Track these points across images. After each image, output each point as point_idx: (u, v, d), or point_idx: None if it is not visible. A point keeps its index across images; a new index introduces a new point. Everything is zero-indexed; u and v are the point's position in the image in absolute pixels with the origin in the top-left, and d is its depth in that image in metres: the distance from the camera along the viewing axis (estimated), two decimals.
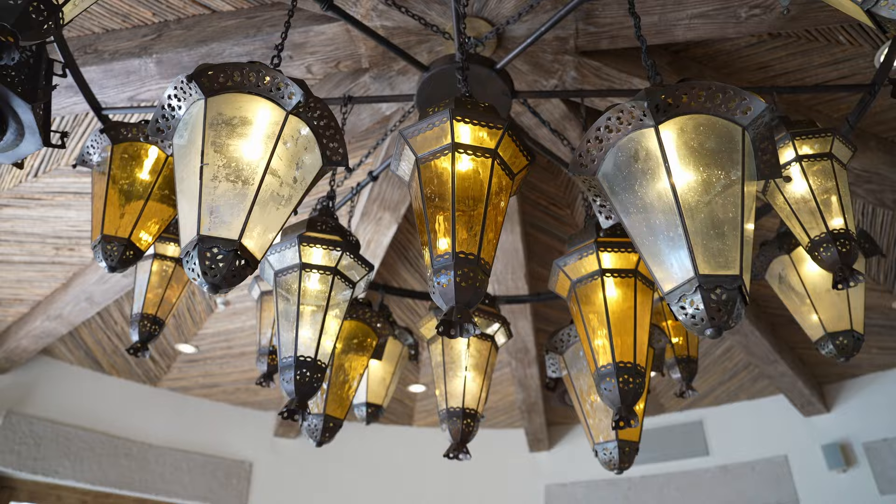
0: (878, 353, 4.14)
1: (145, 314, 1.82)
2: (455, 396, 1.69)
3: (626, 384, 1.25)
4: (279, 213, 1.05)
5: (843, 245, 1.33)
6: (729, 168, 0.92)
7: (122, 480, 4.49)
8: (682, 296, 0.88)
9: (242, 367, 4.61)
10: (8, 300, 3.80)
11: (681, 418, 5.05)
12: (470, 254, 1.02)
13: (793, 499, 4.41)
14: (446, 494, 5.15)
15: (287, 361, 1.26)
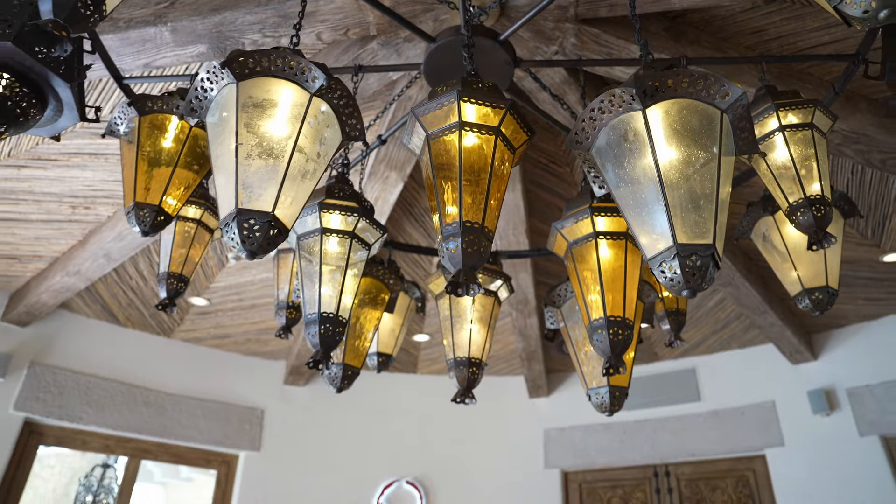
0: (865, 303, 4.30)
1: (171, 272, 1.95)
2: (461, 347, 1.84)
3: (615, 336, 1.39)
4: (305, 186, 1.17)
5: (819, 210, 1.45)
6: (707, 148, 1.03)
7: (141, 426, 4.73)
8: (662, 261, 1.00)
9: (252, 318, 4.78)
10: (27, 257, 3.94)
11: (674, 366, 5.26)
12: (475, 222, 1.14)
13: (778, 441, 4.65)
14: (449, 438, 5.40)
15: (312, 317, 1.40)
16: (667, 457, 5.02)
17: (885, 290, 4.13)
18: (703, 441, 4.93)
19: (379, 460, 5.28)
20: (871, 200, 3.20)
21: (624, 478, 5.18)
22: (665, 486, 5.03)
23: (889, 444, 4.28)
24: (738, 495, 4.80)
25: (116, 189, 3.33)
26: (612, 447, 5.17)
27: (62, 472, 11.85)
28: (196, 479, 11.00)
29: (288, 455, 5.16)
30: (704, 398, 5.06)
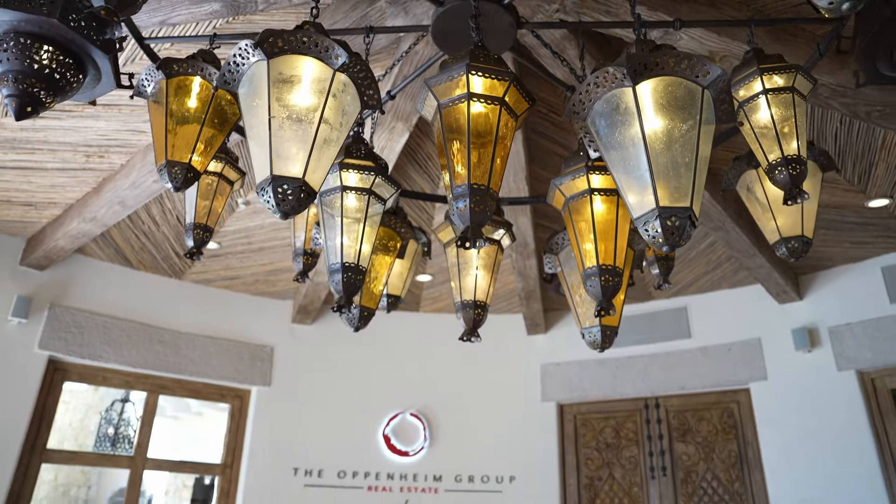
0: (850, 246, 4.48)
1: (197, 223, 2.10)
2: (468, 291, 2.01)
3: (606, 282, 1.56)
4: (330, 152, 1.30)
5: (794, 169, 1.59)
6: (688, 121, 1.16)
7: (158, 363, 4.97)
8: (646, 221, 1.16)
9: (261, 260, 4.95)
10: (42, 204, 4.07)
11: (667, 305, 5.48)
12: (482, 184, 1.29)
13: (762, 375, 4.92)
14: (450, 373, 5.68)
15: (335, 267, 1.56)
16: (657, 390, 5.30)
17: (869, 235, 4.30)
18: (691, 375, 5.20)
19: (384, 394, 5.57)
20: (858, 149, 3.32)
21: (616, 409, 5.49)
22: (655, 416, 5.34)
23: (864, 378, 4.54)
24: (723, 425, 5.10)
25: (129, 138, 3.44)
26: (606, 381, 5.46)
27: (77, 408, 12.34)
28: (206, 413, 11.47)
29: (297, 389, 5.44)
30: (695, 335, 5.30)
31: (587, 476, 5.38)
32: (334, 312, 1.51)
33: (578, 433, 5.52)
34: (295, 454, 5.25)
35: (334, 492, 5.22)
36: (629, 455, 5.32)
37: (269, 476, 5.14)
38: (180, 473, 11.85)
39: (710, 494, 4.97)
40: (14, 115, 1.38)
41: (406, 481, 5.30)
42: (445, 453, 5.41)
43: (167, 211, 4.21)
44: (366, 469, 5.31)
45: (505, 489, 5.30)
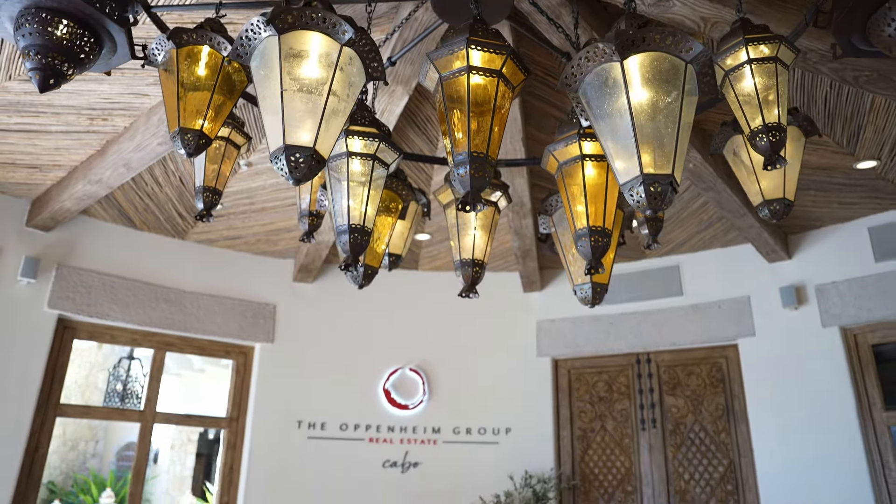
0: (838, 207, 4.58)
1: (206, 186, 2.19)
2: (466, 250, 2.13)
3: (596, 242, 1.67)
4: (338, 121, 1.39)
5: (774, 136, 1.68)
6: (672, 93, 1.25)
7: (164, 321, 5.11)
8: (631, 187, 1.26)
9: (263, 220, 5.05)
10: (47, 166, 4.14)
11: (660, 263, 5.61)
12: (481, 152, 1.38)
13: (750, 332, 5.08)
14: (449, 329, 5.84)
15: (342, 228, 1.66)
16: (649, 346, 5.48)
17: (857, 195, 4.40)
18: (682, 332, 5.37)
19: (384, 350, 5.74)
20: (847, 112, 3.40)
21: (609, 364, 5.68)
22: (646, 371, 5.53)
23: (846, 334, 4.71)
24: (711, 379, 5.30)
25: (132, 101, 3.49)
26: (599, 337, 5.63)
27: (81, 366, 12.60)
28: (208, 370, 11.72)
29: (299, 346, 5.60)
30: (686, 293, 5.45)
31: (580, 428, 5.60)
32: (341, 271, 1.62)
33: (572, 387, 5.72)
34: (298, 408, 5.44)
35: (337, 443, 5.43)
36: (621, 408, 5.53)
37: (273, 429, 5.35)
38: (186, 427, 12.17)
39: (697, 444, 5.19)
40: (38, 87, 1.46)
41: (406, 433, 5.52)
42: (444, 406, 5.62)
43: (170, 172, 4.29)
44: (367, 422, 5.51)
45: (501, 440, 5.52)
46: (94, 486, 10.94)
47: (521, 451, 5.44)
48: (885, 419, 4.50)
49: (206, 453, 13.69)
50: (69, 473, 11.60)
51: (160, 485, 11.69)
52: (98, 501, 10.58)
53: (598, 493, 5.39)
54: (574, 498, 5.42)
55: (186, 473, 12.56)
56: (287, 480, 5.22)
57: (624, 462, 5.38)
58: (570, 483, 5.42)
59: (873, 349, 4.68)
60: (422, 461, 5.46)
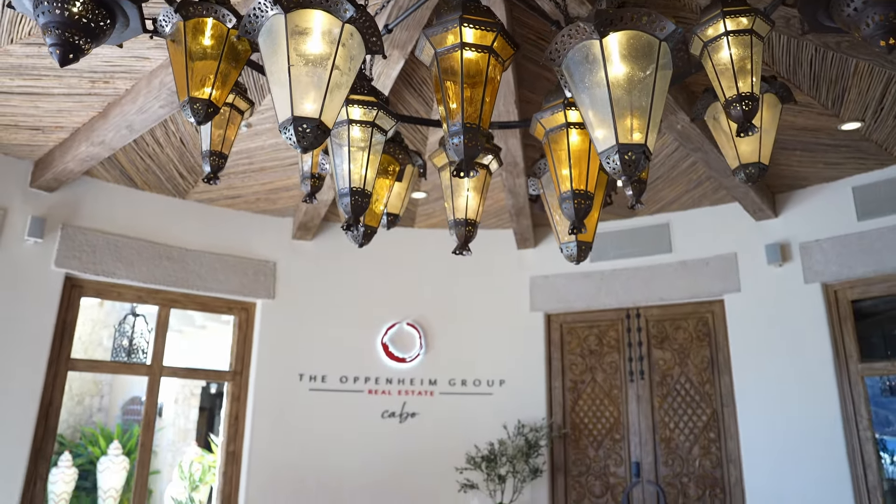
0: (824, 167, 4.71)
1: (213, 151, 2.30)
2: (460, 210, 2.26)
3: (579, 205, 1.80)
4: (341, 93, 1.51)
5: (747, 105, 1.80)
6: (647, 69, 1.37)
7: (167, 279, 5.26)
8: (607, 155, 1.39)
9: (262, 180, 5.15)
10: (49, 128, 4.22)
11: (651, 221, 5.75)
12: (474, 123, 1.51)
13: (736, 288, 5.27)
14: (444, 285, 6.02)
15: (344, 191, 1.79)
16: (638, 301, 5.67)
17: (842, 156, 4.52)
18: (671, 287, 5.55)
19: (381, 305, 5.91)
20: (832, 75, 3.49)
21: (600, 319, 5.88)
22: (635, 325, 5.74)
23: (827, 290, 4.90)
24: (698, 333, 5.51)
25: (133, 65, 3.55)
26: (591, 293, 5.81)
27: (84, 322, 12.81)
28: (209, 325, 11.95)
29: (300, 302, 5.77)
30: (675, 250, 5.61)
31: (571, 380, 5.83)
32: (343, 231, 1.76)
33: (564, 341, 5.93)
34: (300, 361, 5.65)
35: (337, 395, 5.66)
36: (610, 360, 5.76)
37: (276, 381, 5.56)
38: (189, 382, 12.47)
39: (682, 395, 5.43)
40: (58, 62, 1.57)
41: (403, 385, 5.75)
42: (440, 359, 5.83)
43: (171, 133, 4.37)
44: (366, 374, 5.73)
45: (495, 391, 5.76)
46: (102, 439, 11.28)
47: (515, 402, 5.68)
48: (860, 370, 4.73)
49: (208, 407, 14.06)
50: (77, 427, 11.94)
51: (165, 437, 12.04)
52: (106, 453, 10.94)
53: (588, 441, 5.65)
54: (565, 446, 5.69)
55: (190, 426, 12.93)
56: (290, 430, 5.46)
57: (612, 412, 5.63)
58: (561, 432, 5.68)
59: (852, 304, 4.88)
60: (419, 412, 5.70)
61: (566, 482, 5.63)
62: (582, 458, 5.64)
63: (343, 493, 5.38)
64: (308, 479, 5.38)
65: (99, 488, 10.91)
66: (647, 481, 5.39)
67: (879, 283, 4.75)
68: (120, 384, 13.70)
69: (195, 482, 8.45)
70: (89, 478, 11.16)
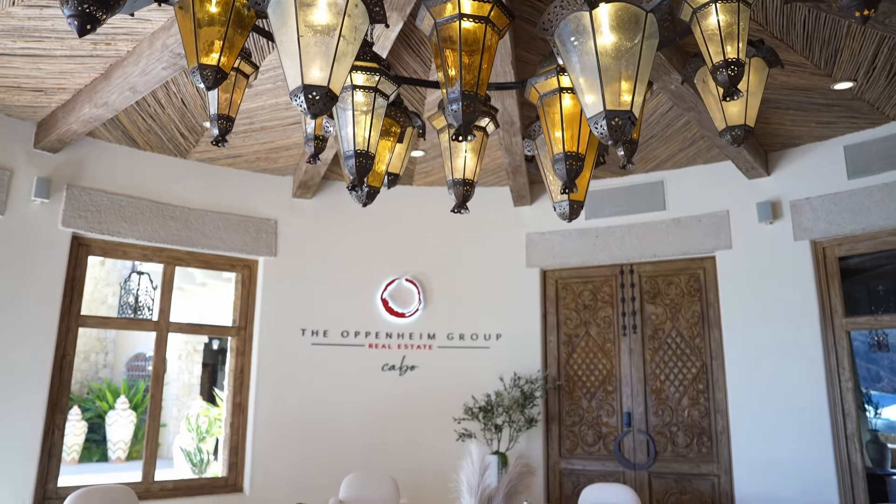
0: (816, 126, 4.78)
1: (220, 115, 2.39)
2: (458, 170, 2.37)
3: (571, 166, 1.91)
4: (347, 61, 1.60)
5: (732, 70, 1.89)
6: (633, 39, 1.46)
7: (171, 237, 5.38)
8: (596, 120, 1.49)
9: (262, 139, 5.21)
10: (52, 89, 4.26)
11: (645, 179, 5.85)
12: (472, 90, 1.60)
13: (727, 245, 5.40)
14: (442, 242, 6.15)
15: (349, 153, 1.89)
16: (632, 257, 5.81)
17: (834, 115, 4.59)
18: (664, 244, 5.68)
19: (380, 262, 6.05)
20: (825, 35, 3.55)
21: (594, 275, 6.03)
22: (629, 281, 5.89)
23: (816, 247, 5.04)
24: (689, 289, 5.67)
25: (135, 26, 3.59)
26: (586, 249, 5.95)
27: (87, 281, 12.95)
28: (209, 283, 12.12)
29: (301, 259, 5.91)
30: (669, 207, 5.72)
31: (566, 333, 6.02)
32: (348, 191, 1.87)
33: (559, 296, 6.10)
34: (302, 317, 5.81)
35: (339, 349, 5.85)
36: (604, 315, 5.93)
37: (279, 336, 5.73)
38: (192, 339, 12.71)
39: (673, 348, 5.62)
40: (77, 32, 1.65)
41: (403, 339, 5.93)
42: (438, 314, 6.00)
43: (172, 94, 4.42)
44: (366, 329, 5.91)
45: (492, 345, 5.96)
46: (109, 394, 11.59)
47: (511, 355, 5.88)
48: (844, 325, 4.91)
49: (210, 363, 14.37)
50: (84, 383, 12.24)
51: (170, 391, 12.36)
52: (114, 407, 11.26)
53: (581, 392, 5.87)
54: (559, 397, 5.91)
55: (194, 381, 13.27)
56: (293, 383, 5.66)
57: (606, 364, 5.84)
58: (556, 383, 5.90)
59: (839, 261, 5.02)
60: (418, 365, 5.90)
61: (560, 431, 5.87)
62: (575, 408, 5.86)
63: (345, 443, 5.61)
64: (311, 429, 5.61)
65: (108, 440, 11.28)
66: (637, 430, 5.63)
67: (866, 240, 4.89)
68: (123, 341, 13.96)
69: (202, 434, 8.75)
70: (98, 431, 11.52)
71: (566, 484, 5.76)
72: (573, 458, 5.78)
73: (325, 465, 5.45)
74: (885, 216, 4.70)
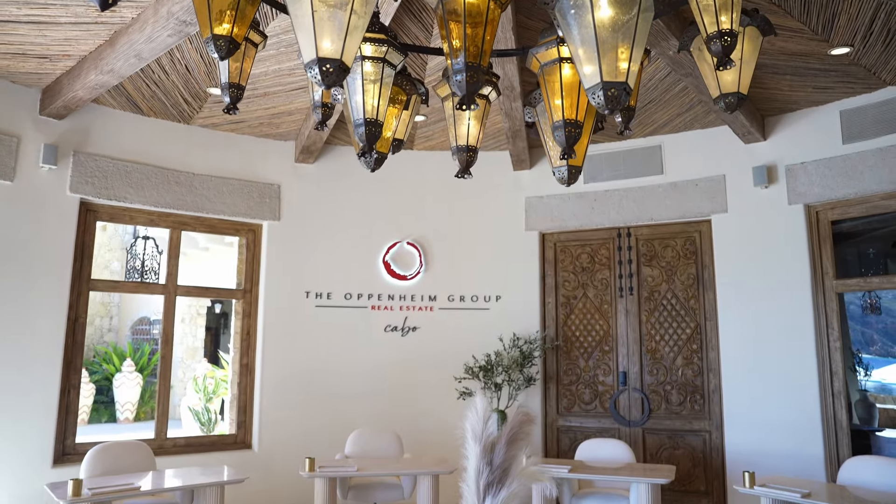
0: (813, 91, 4.84)
1: (231, 83, 2.47)
2: (462, 137, 2.47)
3: (570, 133, 2.01)
4: (358, 34, 1.68)
5: (725, 41, 1.97)
6: (630, 12, 1.55)
7: (177, 202, 5.47)
8: (593, 91, 1.58)
9: (265, 105, 5.26)
10: (57, 56, 4.30)
11: (643, 143, 5.92)
12: (475, 62, 1.69)
13: (723, 208, 5.51)
14: (443, 205, 6.25)
15: (359, 121, 1.99)
16: (629, 220, 5.92)
17: (831, 80, 4.65)
18: (661, 208, 5.79)
19: (382, 226, 6.16)
20: (822, 0, 3.59)
21: (592, 238, 6.15)
22: (626, 244, 6.01)
23: (809, 211, 5.15)
24: (685, 252, 5.79)
25: None
26: (584, 212, 6.05)
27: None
28: (212, 248, 12.24)
29: (304, 223, 6.01)
30: (666, 171, 5.81)
31: (564, 295, 6.16)
32: (358, 158, 1.97)
33: (558, 258, 6.23)
34: (306, 279, 5.95)
35: (342, 311, 6.00)
36: (601, 277, 6.07)
37: (284, 299, 5.88)
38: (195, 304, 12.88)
39: (668, 309, 5.78)
40: (99, 8, 1.73)
41: (405, 301, 6.08)
42: (439, 277, 6.14)
43: (176, 60, 4.46)
44: (369, 291, 6.05)
45: (492, 307, 6.11)
46: (116, 357, 11.81)
47: (510, 317, 6.04)
48: (834, 286, 5.05)
49: (213, 327, 14.59)
50: (90, 346, 12.44)
51: (175, 354, 12.58)
52: (121, 370, 11.49)
53: (579, 352, 6.05)
54: (557, 357, 6.09)
55: (198, 344, 13.49)
56: (298, 344, 5.82)
57: (602, 325, 6.00)
58: (554, 343, 6.07)
59: (832, 225, 5.13)
60: (420, 326, 6.06)
61: (558, 390, 6.06)
62: (573, 367, 6.05)
63: (350, 401, 5.81)
64: (317, 388, 5.79)
65: (116, 402, 11.54)
66: (633, 389, 5.82)
67: (858, 204, 4.99)
68: (127, 306, 14.15)
69: (209, 394, 8.98)
70: (106, 393, 11.77)
71: (563, 440, 5.98)
72: (570, 416, 5.99)
73: (330, 422, 5.65)
74: (877, 180, 4.80)
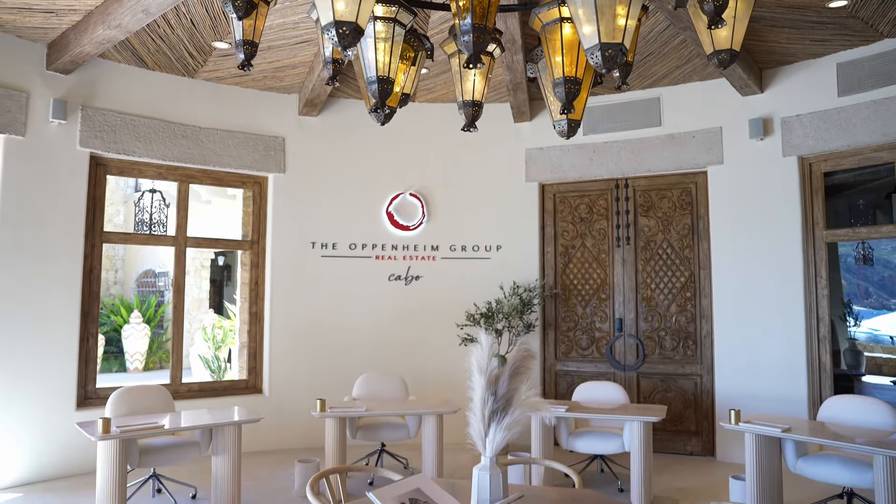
0: (811, 43, 4.90)
1: (245, 40, 2.58)
2: (468, 92, 2.59)
3: (570, 89, 2.13)
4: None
5: (718, 1, 2.08)
6: None
7: (184, 156, 5.58)
8: (592, 51, 1.71)
9: (269, 58, 5.32)
10: (63, 11, 4.35)
11: (642, 95, 5.99)
12: (481, 24, 1.81)
13: (719, 160, 5.63)
14: (445, 157, 6.36)
15: (371, 78, 2.11)
16: (627, 172, 6.05)
17: (829, 33, 4.71)
18: (658, 159, 5.91)
19: (385, 177, 6.29)
20: None
21: (591, 189, 6.29)
22: (623, 195, 6.16)
23: (803, 163, 5.28)
24: (681, 202, 5.94)
25: None
26: (583, 164, 6.17)
27: None
28: (214, 200, 12.35)
29: (309, 175, 6.14)
30: (664, 123, 5.90)
31: (563, 245, 6.34)
32: (369, 113, 2.10)
33: (557, 209, 6.38)
34: (311, 230, 6.11)
35: (347, 261, 6.18)
36: (599, 227, 6.23)
37: (290, 249, 6.05)
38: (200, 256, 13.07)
39: (664, 259, 5.96)
40: None
41: (408, 251, 6.26)
42: (441, 227, 6.31)
43: (182, 15, 4.51)
44: (373, 242, 6.22)
45: (492, 256, 6.29)
46: (123, 309, 12.06)
47: (510, 265, 6.23)
48: (824, 236, 5.22)
49: (217, 279, 14.82)
50: None
51: None
52: (129, 321, 11.76)
53: (577, 300, 6.26)
54: (555, 304, 6.31)
55: (203, 296, 13.74)
56: (305, 293, 6.03)
57: (600, 274, 6.20)
58: (553, 291, 6.28)
59: (824, 176, 5.27)
60: (423, 275, 6.26)
61: (556, 336, 6.30)
62: (571, 314, 6.27)
63: (356, 348, 6.05)
64: (324, 335, 6.03)
65: (125, 352, 11.85)
66: (628, 335, 6.06)
67: (850, 156, 5.12)
68: (132, 259, 14.34)
69: (218, 343, 9.25)
70: (115, 343, 12.08)
71: (561, 384, 6.26)
72: (568, 361, 6.25)
73: (337, 367, 5.91)
74: (870, 132, 4.91)
